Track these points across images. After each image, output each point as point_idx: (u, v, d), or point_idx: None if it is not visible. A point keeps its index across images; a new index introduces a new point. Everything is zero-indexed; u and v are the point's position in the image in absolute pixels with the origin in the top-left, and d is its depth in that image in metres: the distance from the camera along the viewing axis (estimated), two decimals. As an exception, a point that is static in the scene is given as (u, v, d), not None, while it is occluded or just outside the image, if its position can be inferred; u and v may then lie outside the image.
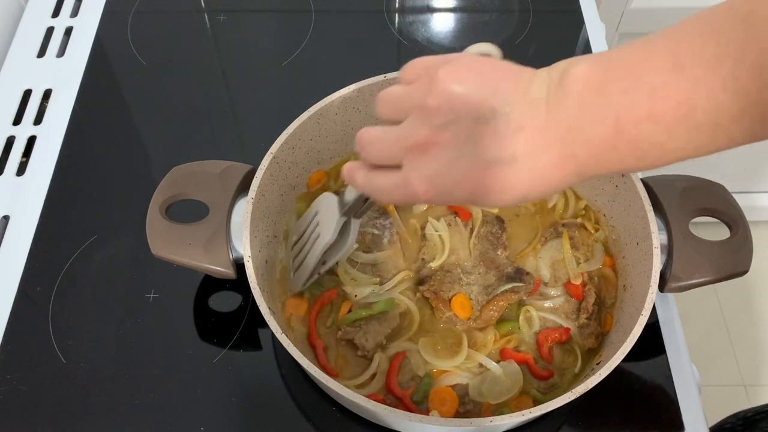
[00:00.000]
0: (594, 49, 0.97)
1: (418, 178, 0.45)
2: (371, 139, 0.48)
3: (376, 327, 0.66)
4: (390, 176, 0.47)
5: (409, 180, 0.46)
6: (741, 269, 0.66)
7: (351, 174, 0.52)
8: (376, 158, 0.48)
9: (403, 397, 0.63)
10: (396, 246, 0.72)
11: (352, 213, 0.61)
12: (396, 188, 0.47)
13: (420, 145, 0.44)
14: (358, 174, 0.51)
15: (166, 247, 0.66)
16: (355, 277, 0.70)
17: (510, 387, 0.64)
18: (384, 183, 0.48)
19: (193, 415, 0.68)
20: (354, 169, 0.51)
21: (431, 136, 0.44)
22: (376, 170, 0.49)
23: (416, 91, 0.46)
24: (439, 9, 1.06)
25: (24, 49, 0.98)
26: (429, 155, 0.44)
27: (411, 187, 0.46)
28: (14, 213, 0.81)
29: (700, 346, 1.68)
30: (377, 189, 0.49)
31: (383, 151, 0.48)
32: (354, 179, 0.51)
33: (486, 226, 0.72)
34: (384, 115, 0.49)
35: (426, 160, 0.45)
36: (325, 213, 0.63)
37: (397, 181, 0.47)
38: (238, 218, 0.67)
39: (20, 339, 0.72)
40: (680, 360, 0.71)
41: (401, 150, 0.46)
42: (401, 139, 0.46)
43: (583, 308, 0.68)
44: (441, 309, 0.67)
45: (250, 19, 1.03)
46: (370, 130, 0.48)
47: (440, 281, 0.69)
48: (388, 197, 0.49)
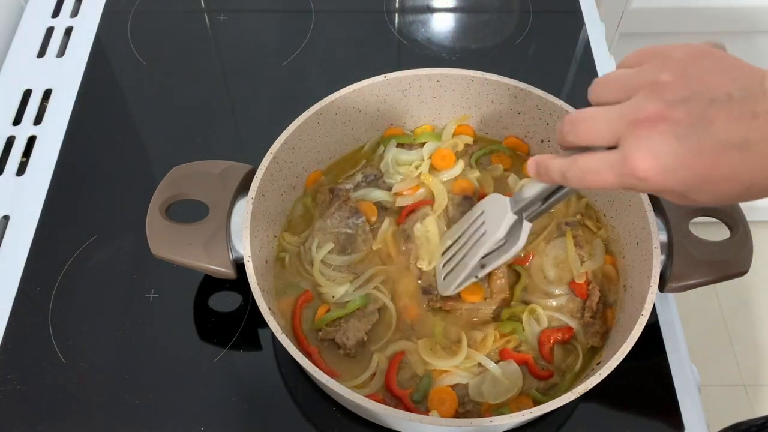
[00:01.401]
0: (594, 49, 0.97)
1: (642, 153, 0.42)
2: (585, 117, 0.46)
3: (356, 324, 0.66)
4: (602, 155, 0.45)
5: (630, 155, 0.43)
6: (741, 269, 0.66)
7: (544, 162, 0.49)
8: (589, 136, 0.46)
9: (403, 397, 0.63)
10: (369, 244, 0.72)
11: (525, 212, 0.58)
12: (611, 167, 0.44)
13: (649, 118, 0.42)
14: (555, 161, 0.48)
15: (166, 247, 0.66)
16: (330, 277, 0.70)
17: (509, 387, 0.64)
18: (593, 163, 0.45)
19: (193, 415, 0.68)
20: (546, 158, 0.49)
21: (662, 111, 0.42)
22: (578, 154, 0.46)
23: (647, 69, 0.44)
24: (439, 9, 1.06)
25: (24, 49, 0.98)
26: (657, 130, 0.42)
27: (631, 164, 0.43)
28: (14, 213, 0.82)
29: (700, 346, 1.67)
30: (583, 170, 0.46)
31: (600, 128, 0.45)
32: (549, 167, 0.48)
33: (458, 209, 0.72)
34: (604, 96, 0.46)
35: (653, 135, 0.42)
36: (494, 213, 0.61)
37: (613, 158, 0.44)
38: (238, 218, 0.67)
39: (20, 339, 0.72)
40: (680, 360, 0.71)
41: (624, 125, 0.43)
42: (625, 114, 0.44)
43: (588, 307, 0.68)
44: (456, 307, 0.67)
45: (250, 19, 1.03)
46: (582, 111, 0.46)
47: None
48: (596, 179, 0.45)
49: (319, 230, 0.72)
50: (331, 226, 0.72)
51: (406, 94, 0.75)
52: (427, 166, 0.76)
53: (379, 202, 0.75)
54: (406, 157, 0.77)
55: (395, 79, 0.73)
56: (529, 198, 0.56)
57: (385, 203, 0.75)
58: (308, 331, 0.67)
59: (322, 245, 0.71)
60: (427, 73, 0.74)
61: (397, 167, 0.76)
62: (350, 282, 0.69)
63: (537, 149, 0.78)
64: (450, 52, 0.98)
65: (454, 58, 0.97)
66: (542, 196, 0.55)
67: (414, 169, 0.76)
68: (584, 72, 0.95)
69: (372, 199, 0.74)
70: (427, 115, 0.79)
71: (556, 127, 0.48)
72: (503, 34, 1.01)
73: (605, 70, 0.95)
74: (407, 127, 0.79)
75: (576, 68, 0.96)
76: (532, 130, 0.77)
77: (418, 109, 0.78)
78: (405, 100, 0.76)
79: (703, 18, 1.30)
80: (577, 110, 0.47)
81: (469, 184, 0.76)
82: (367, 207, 0.74)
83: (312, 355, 0.65)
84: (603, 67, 0.96)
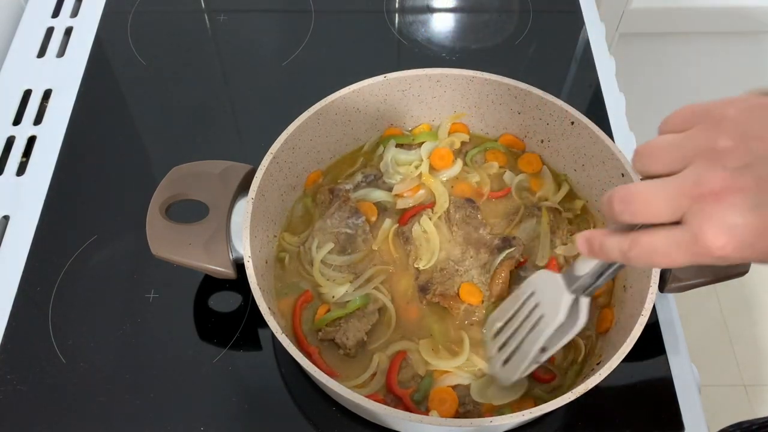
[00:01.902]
0: (594, 49, 0.97)
1: (714, 230, 0.39)
2: (639, 194, 0.42)
3: (356, 324, 0.66)
4: (667, 233, 0.41)
5: (702, 233, 0.39)
6: (741, 269, 0.66)
7: (599, 241, 0.45)
8: (648, 215, 0.42)
9: (403, 397, 0.63)
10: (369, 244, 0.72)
11: (583, 290, 0.54)
12: (680, 246, 0.40)
13: (715, 191, 0.39)
14: (611, 240, 0.44)
15: (166, 247, 0.66)
16: (330, 277, 0.70)
17: (516, 390, 0.63)
18: (658, 242, 0.41)
19: (193, 415, 0.68)
20: (599, 236, 0.45)
21: (728, 181, 0.39)
22: (637, 232, 0.43)
23: (699, 135, 0.41)
24: (439, 9, 1.06)
25: (24, 49, 0.98)
26: (726, 203, 0.39)
27: (704, 242, 0.39)
28: (14, 213, 0.81)
29: (700, 346, 1.67)
30: (648, 251, 0.42)
31: (659, 206, 0.41)
32: (605, 246, 0.45)
33: (459, 211, 0.73)
34: (654, 168, 0.42)
35: (723, 209, 0.39)
36: (547, 293, 0.57)
37: (680, 237, 0.40)
38: (238, 218, 0.67)
39: (20, 339, 0.72)
40: (680, 360, 0.71)
41: (687, 200, 0.40)
42: (687, 188, 0.40)
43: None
44: (454, 306, 0.68)
45: (250, 19, 1.03)
46: (636, 185, 0.42)
47: (440, 282, 0.69)
48: (665, 260, 0.42)
49: (319, 230, 0.72)
50: (331, 226, 0.72)
51: (405, 94, 0.75)
52: (427, 166, 0.76)
53: (380, 202, 0.75)
54: (405, 157, 0.77)
55: (395, 79, 0.73)
56: (585, 276, 0.53)
57: (386, 203, 0.75)
58: (308, 332, 0.67)
59: (322, 245, 0.71)
60: (427, 73, 0.74)
61: (397, 167, 0.76)
62: (350, 282, 0.69)
63: (536, 149, 0.78)
64: (450, 52, 0.98)
65: (454, 58, 0.97)
66: (598, 272, 0.52)
67: (414, 169, 0.76)
68: (584, 72, 0.96)
69: (372, 200, 0.74)
70: (427, 115, 0.79)
71: (602, 200, 0.44)
72: (503, 34, 1.01)
73: (605, 70, 0.95)
74: (407, 126, 0.79)
75: (576, 68, 0.96)
76: (532, 131, 0.77)
77: (418, 109, 0.78)
78: (405, 100, 0.76)
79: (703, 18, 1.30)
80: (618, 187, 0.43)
81: (469, 186, 0.76)
82: (367, 207, 0.74)
83: (312, 355, 0.65)
84: (603, 67, 0.96)
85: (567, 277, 0.55)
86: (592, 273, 0.52)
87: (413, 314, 0.69)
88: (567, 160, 0.75)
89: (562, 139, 0.74)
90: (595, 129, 0.70)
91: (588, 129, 0.70)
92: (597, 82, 0.94)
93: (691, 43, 1.38)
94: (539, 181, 0.77)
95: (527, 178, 0.77)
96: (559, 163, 0.76)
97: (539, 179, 0.77)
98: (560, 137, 0.74)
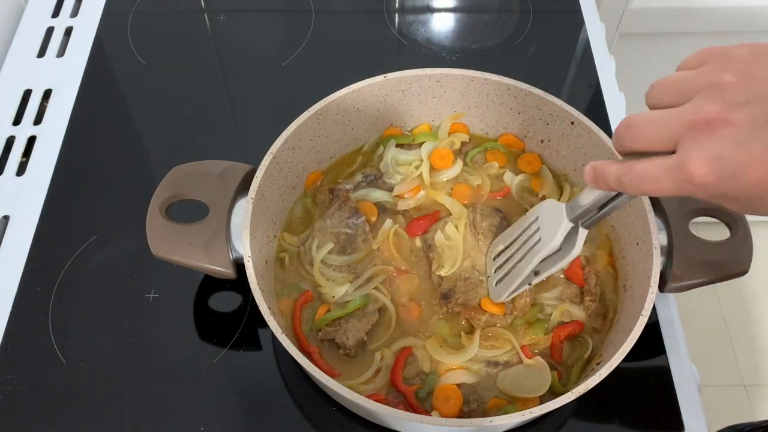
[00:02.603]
0: (594, 49, 0.97)
1: (700, 157, 0.40)
2: (642, 120, 0.44)
3: (356, 324, 0.66)
4: (659, 160, 0.43)
5: (688, 160, 0.41)
6: (741, 269, 0.66)
7: (601, 168, 0.47)
8: (646, 140, 0.44)
9: (407, 394, 0.63)
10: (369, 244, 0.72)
11: (581, 220, 0.56)
12: (667, 172, 0.42)
13: (708, 120, 0.40)
14: (611, 167, 0.46)
15: (166, 247, 0.66)
16: (330, 277, 0.70)
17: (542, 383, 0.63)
18: (649, 168, 0.43)
19: (193, 415, 0.68)
20: (602, 164, 0.47)
21: (723, 113, 0.40)
22: (635, 160, 0.45)
23: (707, 70, 0.42)
24: (439, 9, 1.06)
25: (24, 49, 0.98)
26: (716, 134, 0.40)
27: (688, 169, 0.41)
28: (14, 213, 0.82)
29: (700, 346, 1.67)
30: (639, 176, 0.44)
31: (657, 132, 0.43)
32: (605, 173, 0.47)
33: (486, 220, 0.72)
34: (662, 99, 0.44)
35: (712, 139, 0.40)
36: (549, 219, 0.60)
37: (669, 163, 0.42)
38: (238, 218, 0.67)
39: (20, 339, 0.72)
40: (680, 360, 0.71)
41: (681, 127, 0.42)
42: (684, 116, 0.42)
43: (587, 291, 0.68)
44: (476, 317, 0.67)
45: (250, 19, 1.03)
46: (638, 114, 0.44)
47: (463, 291, 0.68)
48: (652, 185, 0.44)
49: (319, 230, 0.72)
50: (331, 226, 0.72)
51: (405, 94, 0.75)
52: (427, 166, 0.76)
53: (379, 203, 0.75)
54: (405, 157, 0.77)
55: (395, 79, 0.73)
56: (586, 205, 0.54)
57: (385, 203, 0.75)
58: (308, 332, 0.67)
59: (322, 245, 0.71)
60: (427, 73, 0.74)
61: (397, 167, 0.76)
62: (350, 282, 0.69)
63: (536, 149, 0.78)
64: (450, 52, 0.98)
65: (454, 58, 0.97)
66: (599, 203, 0.53)
67: (414, 170, 0.76)
68: (584, 72, 0.96)
69: (372, 200, 0.74)
70: (427, 115, 0.79)
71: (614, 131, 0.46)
72: (503, 34, 1.01)
73: (605, 70, 0.95)
74: (407, 126, 0.79)
75: (576, 68, 0.96)
76: (532, 130, 0.77)
77: (417, 109, 0.78)
78: (405, 100, 0.76)
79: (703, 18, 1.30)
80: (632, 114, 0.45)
81: (468, 187, 0.76)
82: (367, 207, 0.74)
83: (312, 355, 0.65)
84: (603, 67, 0.96)
85: (570, 207, 0.57)
86: (594, 203, 0.54)
87: (414, 314, 0.69)
88: (567, 160, 0.75)
89: (562, 139, 0.74)
90: (596, 129, 0.70)
91: (588, 129, 0.70)
92: (597, 82, 0.94)
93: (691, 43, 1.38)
94: (540, 181, 0.77)
95: (528, 178, 0.77)
96: (559, 163, 0.76)
97: (540, 179, 0.77)
98: (560, 137, 0.74)
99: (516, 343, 0.65)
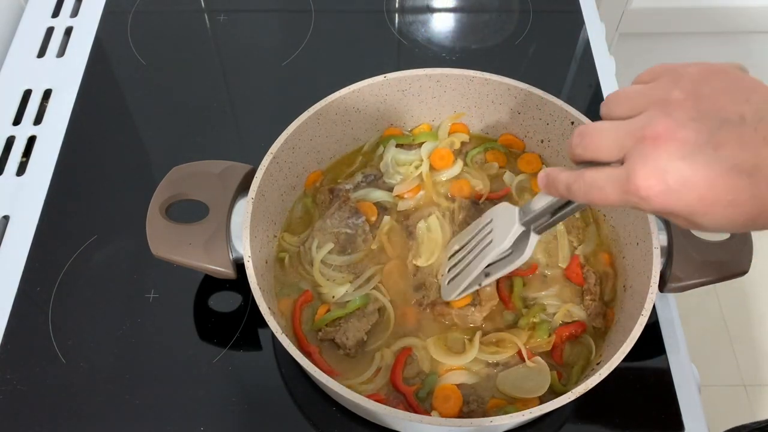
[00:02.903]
0: (594, 49, 0.97)
1: (645, 170, 0.42)
2: (593, 130, 0.45)
3: (356, 324, 0.66)
4: (608, 171, 0.44)
5: (633, 172, 0.42)
6: (741, 269, 0.66)
7: (552, 175, 0.49)
8: (596, 150, 0.45)
9: (407, 394, 0.63)
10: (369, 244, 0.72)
11: (533, 225, 0.57)
12: (613, 182, 0.44)
13: (656, 135, 0.42)
14: (562, 174, 0.48)
15: (166, 247, 0.66)
16: (330, 277, 0.69)
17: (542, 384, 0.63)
18: (598, 178, 0.45)
19: (193, 415, 0.68)
20: (555, 171, 0.49)
21: (670, 129, 0.41)
22: (585, 168, 0.46)
23: (658, 86, 0.44)
24: (439, 9, 1.06)
25: (24, 49, 0.98)
26: (662, 149, 0.41)
27: (634, 180, 0.42)
28: (14, 213, 0.82)
29: (700, 346, 1.67)
30: (588, 185, 0.46)
31: (607, 143, 0.44)
32: (556, 179, 0.49)
33: (463, 212, 0.72)
34: (615, 111, 0.46)
35: (658, 153, 0.41)
36: (502, 221, 0.60)
37: (616, 174, 0.43)
38: (238, 218, 0.67)
39: (20, 339, 0.72)
40: (680, 360, 0.71)
41: (631, 140, 0.43)
42: (633, 130, 0.43)
43: (586, 290, 0.68)
44: (446, 313, 0.67)
45: (250, 19, 1.03)
46: (594, 123, 0.46)
47: (435, 288, 0.68)
48: (599, 194, 0.45)
49: (318, 230, 0.72)
50: (331, 226, 0.72)
51: (405, 94, 0.75)
52: (427, 166, 0.76)
53: (379, 202, 0.75)
54: (405, 157, 0.77)
55: (395, 79, 0.73)
56: (538, 210, 0.55)
57: (385, 203, 0.75)
58: (308, 332, 0.67)
59: (322, 245, 0.71)
60: (427, 73, 0.74)
61: (397, 167, 0.76)
62: (350, 282, 0.69)
63: (536, 149, 0.78)
64: (450, 52, 0.98)
65: (454, 58, 0.97)
66: (551, 209, 0.54)
67: (414, 170, 0.76)
68: (584, 72, 0.96)
69: (372, 200, 0.74)
70: (427, 115, 0.79)
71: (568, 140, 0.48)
72: (503, 34, 1.01)
73: (605, 70, 0.95)
74: (407, 126, 0.79)
75: (576, 68, 0.96)
76: (532, 130, 0.77)
77: (417, 109, 0.78)
78: (405, 100, 0.76)
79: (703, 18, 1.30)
80: (588, 123, 0.46)
81: (467, 184, 0.76)
82: (367, 207, 0.74)
83: (312, 355, 0.65)
84: (603, 67, 0.96)
85: (522, 211, 0.58)
86: (546, 209, 0.54)
87: (413, 314, 0.69)
88: (567, 160, 0.75)
89: (562, 139, 0.74)
90: (595, 129, 0.70)
91: (588, 129, 0.70)
92: (597, 82, 0.94)
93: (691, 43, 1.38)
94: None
95: (527, 179, 0.77)
96: (559, 163, 0.76)
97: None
98: (560, 137, 0.74)
99: (522, 346, 0.65)
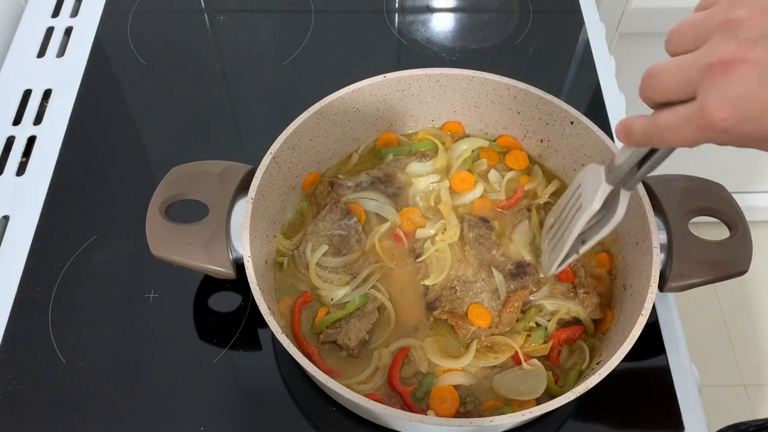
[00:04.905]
0: (594, 49, 0.97)
1: (719, 101, 0.39)
2: (659, 70, 0.43)
3: (357, 324, 0.66)
4: (680, 109, 0.42)
5: (706, 106, 0.39)
6: (741, 269, 0.66)
7: (627, 124, 0.46)
8: (664, 89, 0.42)
9: (404, 394, 0.63)
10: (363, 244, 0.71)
11: (621, 180, 0.55)
12: (688, 121, 0.41)
13: (724, 62, 0.39)
14: (637, 122, 0.45)
15: (166, 247, 0.66)
16: (327, 279, 0.69)
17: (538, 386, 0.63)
18: (671, 118, 0.42)
19: (193, 415, 0.68)
20: (629, 120, 0.46)
21: (738, 52, 0.38)
22: (658, 111, 0.44)
23: (719, 9, 0.41)
24: (439, 9, 1.06)
25: (24, 49, 0.98)
26: (733, 74, 0.38)
27: (708, 115, 0.39)
28: (14, 213, 0.82)
29: (700, 346, 1.67)
30: (663, 128, 0.43)
31: (675, 79, 0.42)
32: (632, 128, 0.46)
33: (473, 230, 0.71)
34: (679, 45, 0.43)
35: (729, 81, 0.38)
36: (589, 183, 0.58)
37: (689, 111, 0.41)
38: (238, 218, 0.67)
39: (20, 339, 0.72)
40: (680, 360, 0.71)
41: (698, 72, 0.40)
42: (699, 60, 0.40)
43: (578, 284, 0.68)
44: (462, 326, 0.66)
45: (250, 19, 1.03)
46: (659, 63, 0.43)
47: (449, 300, 0.68)
48: (676, 136, 0.42)
49: (312, 234, 0.71)
50: (324, 229, 0.71)
51: (405, 94, 0.75)
52: (447, 195, 0.75)
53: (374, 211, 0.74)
54: (418, 168, 0.76)
55: (395, 79, 0.73)
56: (622, 164, 0.53)
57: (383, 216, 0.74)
58: (308, 333, 0.67)
59: (316, 248, 0.70)
60: (426, 73, 0.74)
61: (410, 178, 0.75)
62: (348, 283, 0.69)
63: (536, 149, 0.78)
64: (450, 52, 0.98)
65: (454, 58, 0.97)
66: (634, 161, 0.51)
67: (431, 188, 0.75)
68: (584, 72, 0.96)
69: (366, 207, 0.74)
70: (426, 115, 0.79)
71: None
72: (503, 34, 1.01)
73: (605, 70, 0.95)
74: (407, 127, 0.79)
75: (576, 68, 0.96)
76: (532, 130, 0.77)
77: (417, 109, 0.78)
78: (404, 100, 0.76)
79: (703, 18, 1.30)
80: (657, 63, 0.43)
81: (486, 200, 0.75)
82: (357, 207, 0.73)
83: (312, 356, 0.65)
84: (603, 66, 0.96)
85: (608, 168, 0.55)
86: (628, 161, 0.52)
87: (413, 314, 0.69)
88: (567, 160, 0.75)
89: (562, 139, 0.74)
90: (595, 129, 0.70)
91: (588, 129, 0.70)
92: (597, 82, 0.94)
93: (691, 43, 1.38)
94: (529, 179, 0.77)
95: (517, 176, 0.76)
96: (558, 162, 0.76)
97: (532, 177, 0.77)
98: (560, 137, 0.74)
99: (518, 348, 0.65)
